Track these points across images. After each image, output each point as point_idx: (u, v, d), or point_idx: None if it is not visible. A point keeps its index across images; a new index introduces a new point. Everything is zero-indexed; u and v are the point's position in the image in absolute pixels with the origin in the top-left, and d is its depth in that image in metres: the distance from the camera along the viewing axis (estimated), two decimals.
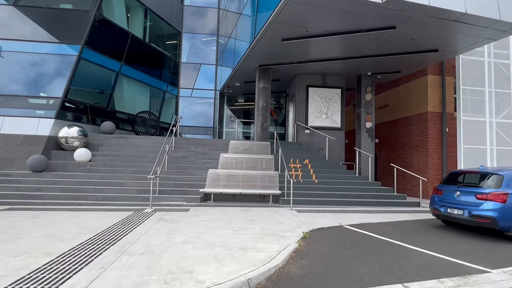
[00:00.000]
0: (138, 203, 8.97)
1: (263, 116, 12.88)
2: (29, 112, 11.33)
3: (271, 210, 8.81)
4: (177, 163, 11.20)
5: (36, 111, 11.40)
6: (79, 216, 7.24)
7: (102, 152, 11.44)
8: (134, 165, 10.83)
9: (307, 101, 13.73)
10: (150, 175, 8.90)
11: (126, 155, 11.42)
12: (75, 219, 6.96)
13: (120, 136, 12.68)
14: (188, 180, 10.34)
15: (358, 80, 13.79)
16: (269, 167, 11.07)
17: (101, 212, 7.86)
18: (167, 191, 9.64)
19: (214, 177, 10.03)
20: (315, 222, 7.25)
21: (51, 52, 12.00)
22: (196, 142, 12.73)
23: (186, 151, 11.97)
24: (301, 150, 13.05)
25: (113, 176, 10.15)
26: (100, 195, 9.15)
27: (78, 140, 11.29)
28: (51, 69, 11.91)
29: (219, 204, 9.34)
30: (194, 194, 9.65)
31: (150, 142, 12.48)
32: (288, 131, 15.43)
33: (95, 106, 13.42)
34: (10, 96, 11.44)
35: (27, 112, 11.30)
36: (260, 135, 12.83)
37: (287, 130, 15.51)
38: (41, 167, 10.05)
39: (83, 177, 10.04)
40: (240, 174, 10.17)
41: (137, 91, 16.31)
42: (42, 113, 11.38)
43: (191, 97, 19.29)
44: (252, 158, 11.21)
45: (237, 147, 12.14)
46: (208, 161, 11.44)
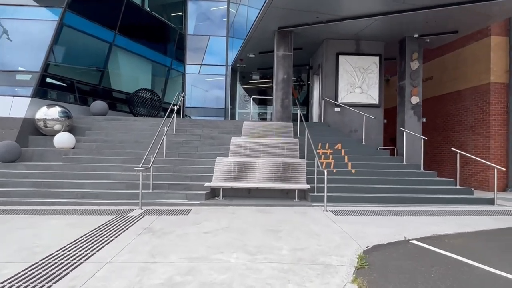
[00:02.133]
0: (125, 202, 6.95)
1: (284, 91, 10.53)
2: (2, 90, 9.40)
3: (298, 211, 6.61)
4: (178, 150, 9.11)
5: (10, 88, 9.46)
6: (36, 225, 5.25)
7: (89, 137, 9.46)
8: (125, 153, 8.79)
9: (337, 72, 11.25)
10: (140, 166, 6.82)
11: (117, 140, 9.39)
12: (27, 229, 4.97)
13: (113, 118, 10.66)
14: (191, 171, 8.23)
15: (401, 45, 11.15)
16: (292, 153, 8.82)
17: (71, 216, 5.87)
18: (164, 185, 7.58)
19: (223, 167, 7.88)
20: (366, 234, 5.02)
21: (26, 18, 9.93)
22: (203, 124, 10.57)
23: (190, 135, 9.84)
24: (330, 132, 10.69)
25: (99, 166, 8.15)
26: (80, 191, 7.18)
27: (59, 123, 9.32)
28: (27, 38, 9.87)
29: (230, 202, 7.21)
30: (198, 189, 7.56)
31: (148, 124, 10.40)
32: (312, 110, 13.04)
33: (84, 83, 11.39)
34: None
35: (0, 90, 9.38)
36: (280, 114, 10.53)
37: (311, 109, 13.12)
38: (11, 156, 8.15)
39: (62, 168, 8.09)
40: (257, 163, 7.97)
41: (136, 66, 14.19)
42: (16, 90, 9.43)
43: (199, 74, 17.05)
44: (271, 143, 8.97)
45: (252, 129, 9.91)
46: (217, 147, 9.28)
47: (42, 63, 9.70)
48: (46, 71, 9.90)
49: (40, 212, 6.15)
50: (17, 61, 9.68)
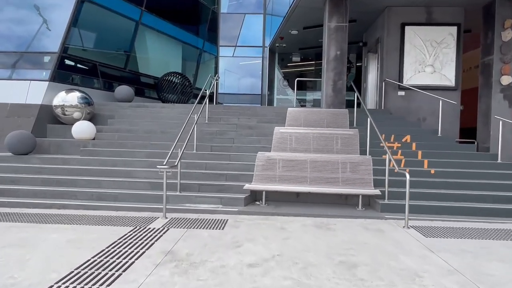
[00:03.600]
0: (148, 206, 5.66)
1: (336, 72, 8.70)
2: (18, 73, 8.46)
3: (369, 227, 4.93)
4: (211, 142, 7.68)
5: (26, 71, 8.49)
6: (30, 240, 4.04)
7: (111, 127, 8.30)
8: (150, 145, 7.52)
9: (402, 47, 9.19)
10: (164, 163, 5.45)
11: (142, 130, 8.15)
12: (15, 249, 3.76)
13: (138, 105, 9.45)
14: (227, 168, 6.78)
15: (488, 11, 8.82)
16: (349, 147, 7.07)
17: (79, 226, 4.63)
18: (194, 186, 6.20)
19: (266, 165, 6.34)
20: (494, 277, 3.26)
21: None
22: (239, 111, 9.06)
23: (224, 124, 8.38)
24: (392, 121, 8.76)
25: (120, 161, 6.94)
26: (96, 191, 5.99)
27: (79, 110, 8.23)
28: (44, 16, 8.80)
29: (275, 210, 5.67)
30: (235, 192, 6.10)
31: (176, 112, 9.08)
32: (366, 94, 11.07)
33: (108, 66, 10.26)
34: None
35: (16, 74, 8.44)
36: (331, 99, 8.74)
37: (366, 93, 11.14)
38: (25, 148, 7.16)
39: (79, 162, 6.97)
40: (308, 159, 6.33)
41: (165, 48, 12.92)
42: (33, 74, 8.45)
43: (234, 57, 15.52)
44: (323, 134, 7.27)
45: (298, 117, 8.24)
46: (256, 139, 7.74)
47: (60, 43, 8.62)
48: (66, 52, 8.83)
49: (45, 219, 4.99)
50: (33, 41, 8.67)
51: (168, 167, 5.16)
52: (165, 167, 5.15)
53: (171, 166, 5.23)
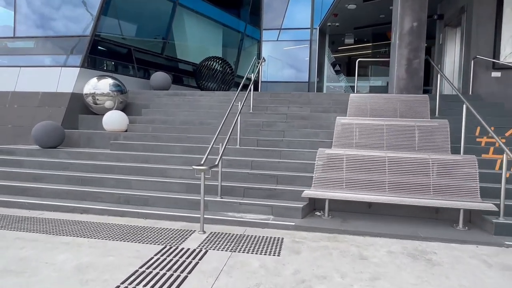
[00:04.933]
0: (183, 215, 4.58)
1: (412, 48, 6.96)
2: (49, 60, 7.83)
3: (491, 263, 3.39)
4: (257, 135, 6.45)
5: (57, 57, 7.83)
6: (30, 265, 3.09)
7: (145, 117, 7.38)
8: (187, 138, 6.46)
9: (498, 16, 7.19)
10: (202, 162, 4.30)
11: (178, 121, 7.13)
12: (6, 279, 2.81)
13: (175, 93, 8.47)
14: (277, 167, 5.50)
15: None
16: (435, 143, 5.45)
17: (96, 241, 3.64)
18: (238, 189, 5.01)
19: (328, 165, 4.95)
20: None
21: None
22: (288, 99, 7.70)
23: (272, 114, 7.08)
24: (486, 109, 6.86)
25: (153, 157, 5.95)
26: (124, 193, 5.04)
27: (111, 99, 7.41)
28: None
29: (344, 226, 4.29)
30: (289, 199, 4.82)
31: (216, 100, 7.95)
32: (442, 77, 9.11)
33: (143, 51, 9.40)
34: (24, 38, 8.06)
35: (47, 60, 7.82)
36: (404, 82, 7.05)
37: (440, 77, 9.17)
38: (52, 141, 6.45)
39: (108, 158, 6.10)
40: (386, 159, 4.83)
41: (205, 32, 11.86)
42: (64, 60, 7.76)
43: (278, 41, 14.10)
44: (400, 127, 5.70)
45: (363, 105, 6.69)
46: (312, 132, 6.36)
47: (92, 26, 7.83)
48: (98, 36, 8.04)
49: (61, 228, 4.09)
50: (64, 24, 7.97)
51: (206, 168, 4.00)
52: (203, 168, 3.98)
53: (210, 167, 4.05)
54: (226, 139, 5.00)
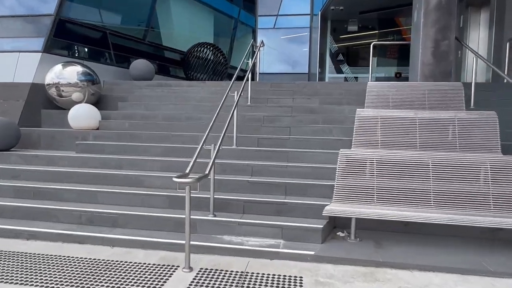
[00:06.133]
0: (164, 241, 3.43)
1: (440, 27, 5.86)
2: (4, 44, 6.52)
3: None
4: (257, 133, 5.28)
5: (14, 40, 6.52)
6: None
7: (122, 112, 6.15)
8: (172, 138, 5.26)
9: None
10: (187, 170, 3.13)
11: (162, 116, 5.92)
12: None
13: (159, 84, 7.24)
14: (284, 173, 4.35)
15: None
16: (480, 141, 4.36)
17: None
18: (235, 204, 3.86)
19: (353, 171, 3.82)
20: None
21: None
22: (292, 89, 6.54)
23: (274, 107, 5.92)
24: None
25: (127, 162, 4.74)
26: (86, 210, 3.86)
27: (79, 90, 6.16)
28: None
29: (382, 256, 3.17)
30: (303, 216, 3.70)
31: (208, 91, 6.76)
32: (464, 64, 8.06)
33: (122, 35, 8.12)
34: None
35: (2, 44, 6.51)
36: (430, 68, 5.95)
37: (463, 64, 8.12)
38: (3, 142, 5.19)
39: (72, 163, 4.88)
40: (429, 161, 3.71)
41: (194, 16, 10.59)
42: (23, 44, 6.46)
43: (274, 28, 12.91)
44: (432, 120, 4.60)
45: (383, 94, 5.57)
46: (324, 128, 5.22)
47: (57, 3, 6.53)
48: (65, 14, 6.75)
49: None
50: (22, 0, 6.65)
51: (193, 180, 2.82)
52: (187, 180, 2.81)
53: (198, 178, 2.87)
54: (220, 138, 3.83)
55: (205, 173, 3.13)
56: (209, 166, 3.28)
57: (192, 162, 3.26)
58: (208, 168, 3.23)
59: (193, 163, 3.25)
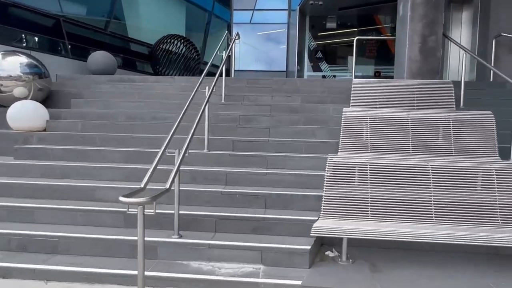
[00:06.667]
0: (116, 272, 2.72)
1: (428, 21, 5.49)
2: None
3: None
4: (232, 134, 4.66)
5: None
6: None
7: (75, 110, 5.32)
8: (133, 140, 4.53)
9: None
10: (142, 185, 2.44)
11: (123, 115, 5.15)
12: None
13: (121, 79, 6.43)
14: (263, 182, 3.76)
15: None
16: (477, 144, 3.99)
17: None
18: (205, 221, 3.22)
19: (342, 179, 3.29)
20: None
21: None
22: (271, 86, 5.97)
23: (251, 106, 5.32)
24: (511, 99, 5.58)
25: (77, 170, 3.97)
26: (19, 233, 3.08)
27: (22, 84, 5.27)
28: None
29: (376, 283, 2.65)
30: (286, 234, 3.13)
31: (177, 87, 6.05)
32: (447, 63, 7.83)
33: (80, 24, 7.21)
34: None
35: None
36: (418, 65, 5.57)
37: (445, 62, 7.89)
38: None
39: (8, 171, 4.04)
40: (429, 167, 3.24)
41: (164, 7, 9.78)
42: None
43: (251, 23, 12.32)
44: (425, 120, 4.19)
45: (370, 92, 5.11)
46: (307, 129, 4.67)
47: None
48: None
49: None
50: None
51: (146, 199, 2.15)
52: (139, 200, 2.14)
53: (154, 196, 2.20)
54: (187, 142, 3.18)
55: (166, 188, 2.47)
56: (171, 177, 2.62)
57: (149, 173, 2.59)
58: (169, 181, 2.57)
59: (150, 174, 2.59)
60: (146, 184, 2.47)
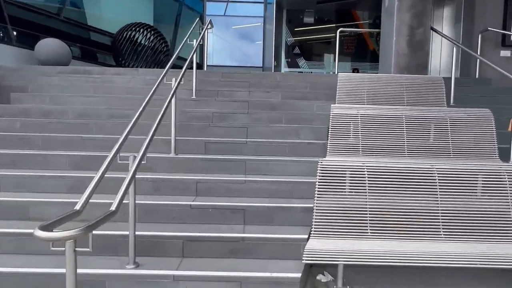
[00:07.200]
0: None
1: (416, 12, 5.12)
2: None
3: None
4: (204, 134, 4.02)
5: None
6: None
7: (15, 106, 4.47)
8: (83, 142, 3.78)
9: None
10: (78, 207, 1.76)
11: (74, 112, 4.36)
12: None
13: (75, 70, 5.59)
14: (241, 193, 3.17)
15: None
16: (477, 145, 3.63)
17: None
18: (169, 243, 2.58)
19: (335, 189, 2.76)
20: None
21: None
22: (248, 81, 5.36)
23: (226, 102, 4.69)
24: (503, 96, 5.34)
25: (9, 179, 3.18)
26: None
27: None
28: None
29: None
30: (269, 257, 2.55)
31: (141, 81, 5.31)
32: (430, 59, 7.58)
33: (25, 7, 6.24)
34: None
35: None
36: (406, 59, 5.19)
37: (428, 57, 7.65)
38: None
39: None
40: (435, 170, 2.79)
41: None
42: None
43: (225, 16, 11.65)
44: (419, 119, 3.77)
45: (357, 88, 4.66)
46: (290, 129, 4.12)
47: None
48: None
49: None
50: None
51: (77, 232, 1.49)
52: (63, 234, 1.47)
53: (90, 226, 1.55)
54: (145, 144, 2.52)
55: (110, 210, 1.81)
56: (119, 194, 1.95)
57: (90, 189, 1.91)
58: (116, 200, 1.90)
59: (91, 190, 1.91)
60: (84, 205, 1.80)
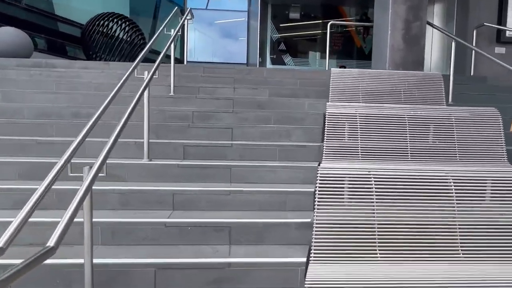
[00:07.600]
0: None
1: (411, 5, 4.79)
2: None
3: None
4: (183, 136, 3.51)
5: None
6: None
7: None
8: (38, 147, 3.20)
9: None
10: (1, 242, 1.23)
11: (31, 111, 3.76)
12: None
13: (37, 63, 4.94)
14: (225, 205, 2.71)
15: None
16: (484, 148, 3.31)
17: None
18: (139, 273, 2.08)
19: (337, 201, 2.34)
20: None
21: None
22: (233, 76, 4.88)
23: (208, 99, 4.20)
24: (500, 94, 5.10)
25: None
26: None
27: None
28: None
29: None
30: (263, 286, 2.10)
31: (111, 76, 4.72)
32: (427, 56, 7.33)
33: None
34: None
35: None
36: (401, 54, 4.85)
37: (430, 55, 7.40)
38: None
39: None
40: (450, 178, 2.41)
41: None
42: None
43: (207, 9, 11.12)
44: (422, 119, 3.42)
45: (352, 85, 4.28)
46: (281, 129, 3.68)
47: None
48: None
49: None
50: None
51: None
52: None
53: (4, 279, 1.05)
54: (104, 151, 2.02)
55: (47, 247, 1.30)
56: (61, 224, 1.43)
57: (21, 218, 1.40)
58: (57, 233, 1.38)
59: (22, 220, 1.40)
60: (8, 242, 1.28)
